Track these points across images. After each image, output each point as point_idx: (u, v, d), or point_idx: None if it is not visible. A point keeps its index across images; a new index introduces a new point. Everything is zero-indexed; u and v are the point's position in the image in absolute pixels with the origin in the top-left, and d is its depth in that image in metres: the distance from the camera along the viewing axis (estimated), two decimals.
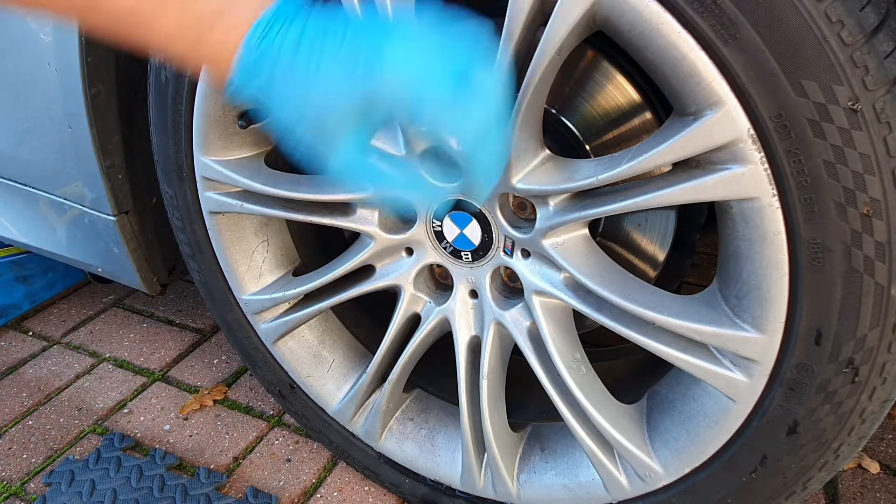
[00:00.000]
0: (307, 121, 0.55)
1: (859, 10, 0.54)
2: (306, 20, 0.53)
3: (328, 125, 0.55)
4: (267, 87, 0.53)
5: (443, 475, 1.05)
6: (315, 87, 0.53)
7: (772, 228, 0.63)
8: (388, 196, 0.67)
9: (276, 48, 0.52)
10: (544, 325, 0.84)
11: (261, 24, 0.52)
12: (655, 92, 0.83)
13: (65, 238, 1.23)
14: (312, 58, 0.52)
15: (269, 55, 0.52)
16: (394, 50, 0.53)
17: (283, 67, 0.52)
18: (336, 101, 0.54)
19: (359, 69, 0.52)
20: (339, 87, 0.53)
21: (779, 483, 0.78)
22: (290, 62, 0.52)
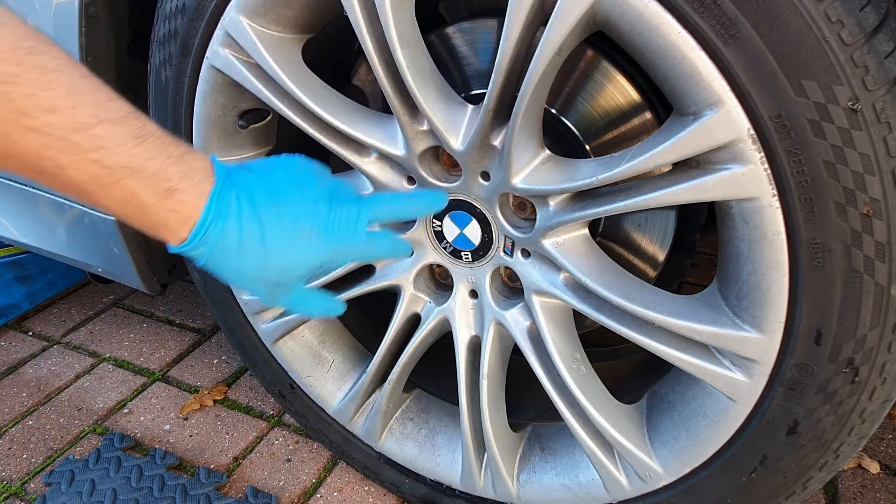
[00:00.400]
0: (252, 279, 0.64)
1: (859, 10, 0.54)
2: (248, 200, 0.61)
3: (272, 283, 0.65)
4: (216, 253, 0.60)
5: (443, 475, 1.05)
6: (263, 256, 0.62)
7: (772, 228, 0.63)
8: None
9: (223, 226, 0.59)
10: (544, 325, 0.84)
11: (211, 204, 0.59)
12: (655, 92, 0.83)
13: (65, 238, 1.23)
14: (257, 236, 0.61)
15: (220, 230, 0.59)
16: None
17: (232, 240, 0.60)
18: (280, 266, 0.63)
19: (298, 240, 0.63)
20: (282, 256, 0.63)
21: (779, 483, 0.78)
22: (237, 238, 0.60)
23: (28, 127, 0.49)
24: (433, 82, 0.76)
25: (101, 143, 0.53)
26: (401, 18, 0.71)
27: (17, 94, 0.48)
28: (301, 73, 0.83)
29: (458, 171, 0.81)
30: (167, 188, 0.57)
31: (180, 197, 0.58)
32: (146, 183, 0.55)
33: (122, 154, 0.54)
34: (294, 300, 0.69)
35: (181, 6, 0.84)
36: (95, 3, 0.91)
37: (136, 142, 0.55)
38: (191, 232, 0.59)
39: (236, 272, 0.63)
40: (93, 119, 0.52)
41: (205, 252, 0.60)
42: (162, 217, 0.58)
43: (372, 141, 0.82)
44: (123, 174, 0.54)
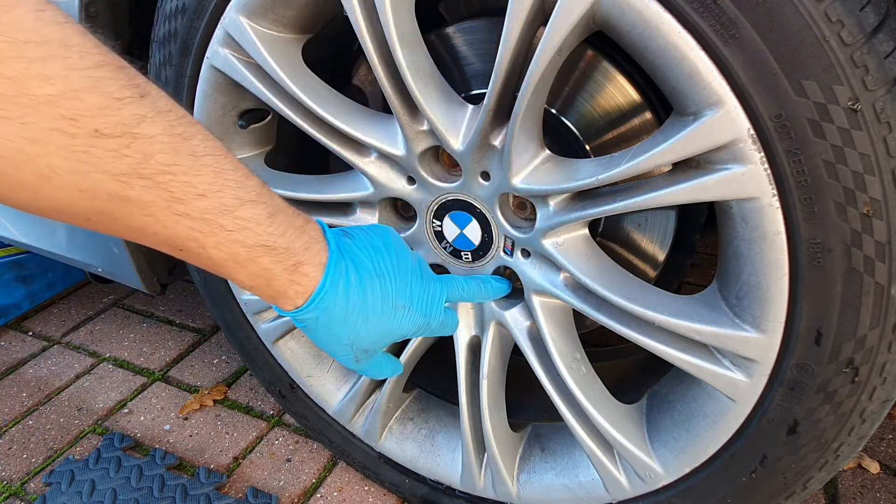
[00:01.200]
0: (346, 345, 0.67)
1: (859, 10, 0.54)
2: (356, 271, 0.64)
3: (361, 349, 0.69)
4: (321, 318, 0.64)
5: (443, 475, 1.05)
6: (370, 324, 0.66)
7: (772, 228, 0.63)
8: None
9: (334, 295, 0.63)
10: (544, 325, 0.84)
11: (327, 275, 0.62)
12: (655, 92, 0.83)
13: (65, 238, 1.23)
14: (366, 304, 0.65)
15: (331, 298, 0.63)
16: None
17: (339, 308, 0.63)
18: (381, 333, 0.68)
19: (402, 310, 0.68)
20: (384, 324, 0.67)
21: (779, 483, 0.78)
22: (345, 306, 0.64)
23: (179, 212, 0.51)
24: (433, 82, 0.76)
25: (243, 225, 0.55)
26: (401, 18, 0.71)
27: (174, 183, 0.49)
28: (301, 73, 0.83)
29: (458, 170, 0.81)
30: (295, 262, 0.59)
31: (304, 269, 0.60)
32: (278, 259, 0.58)
33: (260, 233, 0.56)
34: (371, 366, 0.73)
35: (181, 6, 0.84)
36: (95, 3, 0.91)
37: (270, 220, 0.57)
38: (307, 300, 0.61)
39: (335, 337, 0.66)
40: (237, 201, 0.54)
41: (313, 318, 0.63)
42: (285, 287, 0.60)
43: (372, 141, 0.82)
44: (259, 252, 0.57)
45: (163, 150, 0.48)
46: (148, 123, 0.47)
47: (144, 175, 0.47)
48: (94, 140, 0.44)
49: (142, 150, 0.47)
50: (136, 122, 0.46)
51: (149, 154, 0.47)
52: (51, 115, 0.42)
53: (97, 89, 0.44)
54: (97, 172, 0.45)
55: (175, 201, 0.50)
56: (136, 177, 0.47)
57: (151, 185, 0.48)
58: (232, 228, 0.54)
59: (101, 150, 0.45)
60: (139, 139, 0.46)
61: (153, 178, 0.48)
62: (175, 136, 0.49)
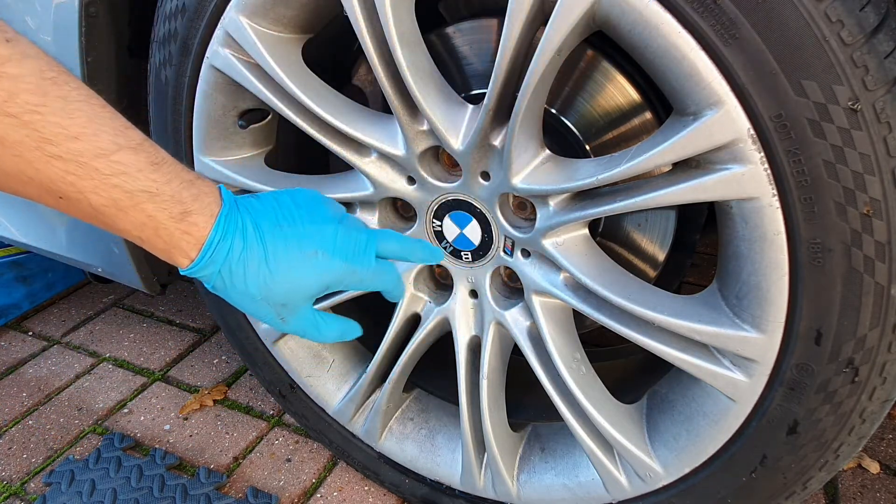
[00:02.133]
0: (258, 301, 0.65)
1: (859, 10, 0.54)
2: (252, 222, 0.63)
3: (278, 304, 0.66)
4: (223, 274, 0.62)
5: (443, 475, 1.05)
6: (267, 275, 0.63)
7: (772, 228, 0.63)
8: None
9: (229, 246, 0.61)
10: (544, 325, 0.84)
11: (219, 223, 0.61)
12: (655, 92, 0.83)
13: (65, 238, 1.23)
14: (261, 252, 0.63)
15: (226, 249, 0.61)
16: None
17: (237, 260, 0.62)
18: (287, 286, 0.65)
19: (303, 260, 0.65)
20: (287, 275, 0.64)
21: (779, 483, 0.78)
22: (241, 257, 0.62)
23: (51, 154, 0.51)
24: (433, 82, 0.76)
25: (121, 169, 0.55)
26: (401, 18, 0.71)
27: (43, 123, 0.50)
28: (301, 73, 0.83)
29: (458, 170, 0.81)
30: (182, 211, 0.59)
31: (193, 219, 0.60)
32: (163, 206, 0.58)
33: (141, 179, 0.56)
34: (303, 323, 0.69)
35: (181, 6, 0.84)
36: (95, 3, 0.91)
37: (153, 167, 0.57)
38: (199, 252, 0.60)
39: (243, 294, 0.64)
40: (113, 146, 0.54)
41: (212, 273, 0.62)
42: (175, 238, 0.60)
43: (372, 141, 0.82)
44: (142, 198, 0.56)
45: (29, 89, 0.49)
46: (13, 64, 0.48)
47: (10, 113, 0.49)
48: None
49: (6, 88, 0.48)
50: (0, 62, 0.48)
51: (13, 92, 0.48)
52: None
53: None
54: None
55: (45, 142, 0.51)
56: (2, 114, 0.49)
57: (17, 123, 0.49)
58: (109, 172, 0.54)
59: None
60: (3, 78, 0.48)
61: (19, 117, 0.49)
62: (44, 80, 0.50)
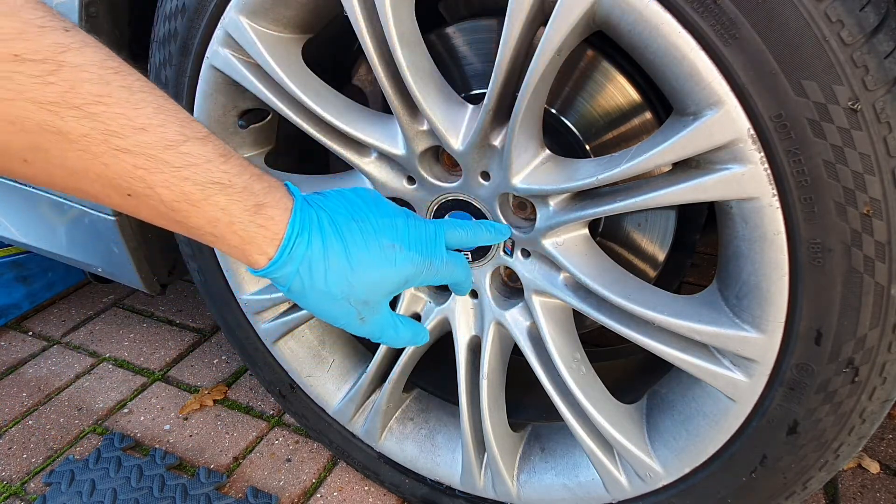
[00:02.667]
0: (340, 299, 0.63)
1: (859, 10, 0.54)
2: (327, 217, 0.61)
3: (360, 302, 0.64)
4: (302, 272, 0.59)
5: (443, 475, 1.05)
6: (345, 275, 0.61)
7: (772, 228, 0.63)
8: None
9: (308, 240, 0.59)
10: (544, 325, 0.84)
11: (295, 216, 0.58)
12: (655, 92, 0.83)
13: (65, 238, 1.23)
14: (337, 254, 0.61)
15: (305, 244, 0.59)
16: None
17: (318, 255, 0.60)
18: (364, 285, 0.63)
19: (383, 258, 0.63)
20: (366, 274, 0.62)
21: (779, 483, 0.78)
22: (322, 252, 0.60)
23: (119, 147, 0.49)
24: (433, 82, 0.76)
25: (191, 161, 0.53)
26: (401, 18, 0.71)
27: (108, 115, 0.48)
28: (301, 73, 0.83)
29: (459, 170, 0.81)
30: (256, 203, 0.57)
31: (268, 212, 0.58)
32: (236, 198, 0.55)
33: (211, 170, 0.54)
34: (382, 323, 0.68)
35: (181, 6, 0.84)
36: (95, 3, 0.91)
37: (222, 158, 0.55)
38: (278, 248, 0.58)
39: (326, 294, 0.62)
40: (181, 137, 0.52)
41: (291, 271, 0.60)
42: (251, 233, 0.57)
43: (372, 141, 0.82)
44: (213, 190, 0.54)
45: (92, 80, 0.47)
46: (73, 53, 0.46)
47: (74, 105, 0.46)
48: (15, 65, 0.43)
49: (68, 78, 0.46)
50: (61, 51, 0.45)
51: (76, 83, 0.46)
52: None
53: (14, 15, 0.44)
54: (22, 100, 0.45)
55: (112, 134, 0.48)
56: (66, 106, 0.46)
57: (82, 115, 0.47)
58: (179, 164, 0.52)
59: (23, 77, 0.44)
60: (65, 67, 0.46)
61: (83, 109, 0.47)
62: (106, 69, 0.48)
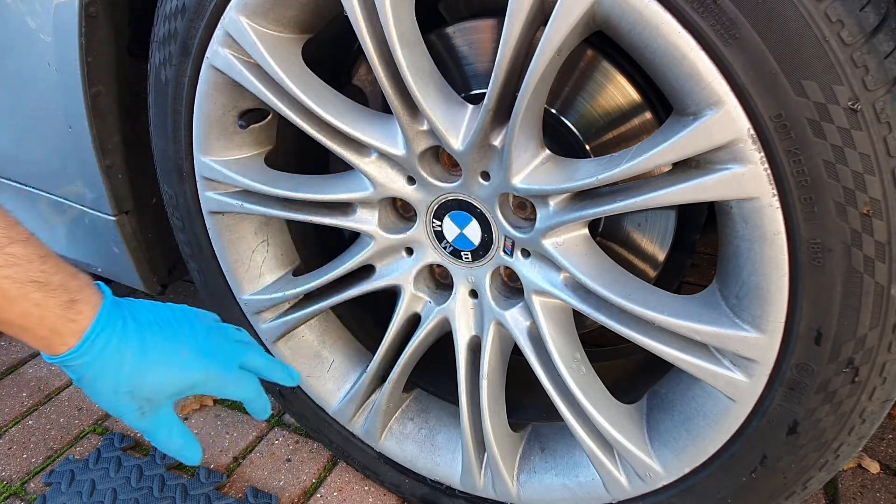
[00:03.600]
0: (124, 394, 0.68)
1: (859, 10, 0.54)
2: (132, 316, 0.68)
3: (143, 398, 0.69)
4: (95, 364, 0.65)
5: (443, 475, 1.05)
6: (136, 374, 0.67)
7: (772, 228, 0.63)
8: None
9: (108, 337, 0.65)
10: (544, 325, 0.84)
11: (102, 312, 0.64)
12: (655, 92, 0.83)
13: (65, 238, 1.23)
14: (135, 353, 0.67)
15: (105, 339, 0.65)
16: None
17: (114, 351, 0.65)
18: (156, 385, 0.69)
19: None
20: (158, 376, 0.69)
21: (779, 483, 0.78)
22: (118, 348, 0.66)
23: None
24: (433, 82, 0.76)
25: (13, 261, 0.58)
26: (401, 18, 0.71)
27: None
28: (301, 73, 0.83)
29: (458, 170, 0.81)
30: (69, 299, 0.62)
31: (79, 307, 0.63)
32: (51, 294, 0.61)
33: (31, 269, 0.59)
34: (158, 423, 0.74)
35: (181, 6, 0.84)
36: (95, 3, 0.91)
37: (42, 259, 0.60)
38: (80, 340, 0.63)
39: (112, 387, 0.67)
40: (6, 240, 0.58)
41: (85, 362, 0.64)
42: (58, 326, 0.62)
43: (372, 141, 0.82)
44: (31, 288, 0.59)
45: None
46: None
47: None
48: None
49: None
50: None
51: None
52: None
53: None
54: None
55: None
56: None
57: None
58: (1, 264, 0.57)
59: None
60: None
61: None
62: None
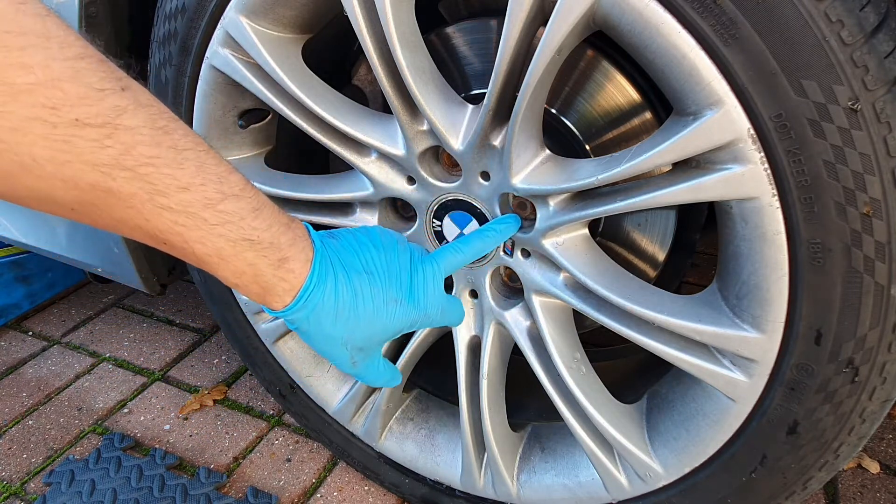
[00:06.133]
0: (340, 344, 0.66)
1: (859, 10, 0.54)
2: (342, 269, 0.64)
3: (357, 348, 0.67)
4: (312, 318, 0.63)
5: (443, 475, 1.05)
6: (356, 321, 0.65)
7: (772, 228, 0.63)
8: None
9: (322, 292, 0.62)
10: (544, 325, 0.84)
11: (314, 271, 0.61)
12: (655, 92, 0.83)
13: (65, 238, 1.23)
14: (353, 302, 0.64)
15: (319, 295, 0.62)
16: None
17: (329, 305, 0.63)
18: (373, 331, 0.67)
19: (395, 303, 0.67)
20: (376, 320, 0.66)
21: (779, 483, 0.78)
22: (333, 303, 0.63)
23: (162, 205, 0.51)
24: (433, 82, 0.76)
25: (227, 219, 0.54)
26: (401, 18, 0.71)
27: (156, 175, 0.49)
28: (301, 73, 0.83)
29: (458, 170, 0.81)
30: (280, 258, 0.59)
31: (290, 265, 0.60)
32: (263, 253, 0.58)
33: (244, 227, 0.56)
34: (369, 367, 0.72)
35: (181, 6, 0.84)
36: (95, 3, 0.91)
37: (254, 214, 0.57)
38: (294, 298, 0.61)
39: (327, 337, 0.65)
40: (219, 195, 0.54)
41: (303, 316, 0.62)
42: (272, 284, 0.60)
43: (372, 141, 0.82)
44: (243, 246, 0.56)
45: (144, 141, 0.48)
46: (129, 115, 0.47)
47: (126, 166, 0.47)
48: (75, 129, 0.44)
49: (123, 141, 0.47)
50: (117, 114, 0.46)
51: (130, 145, 0.47)
52: (30, 104, 0.42)
53: (77, 79, 0.44)
54: (78, 162, 0.45)
55: (157, 194, 0.50)
56: (118, 168, 0.47)
57: (133, 176, 0.48)
58: (215, 222, 0.54)
59: (82, 140, 0.45)
60: (120, 130, 0.46)
61: (135, 170, 0.48)
62: (156, 130, 0.49)
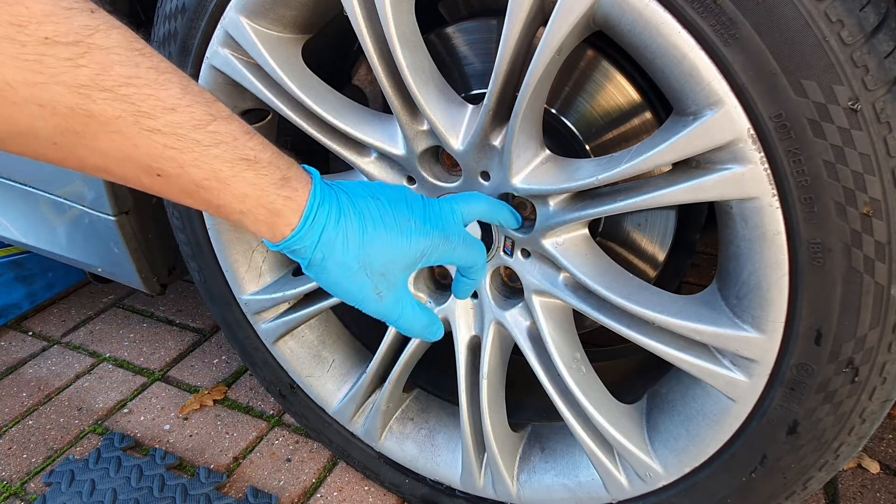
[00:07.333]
0: (357, 271, 0.64)
1: (859, 10, 0.54)
2: (345, 192, 0.63)
3: (378, 274, 0.65)
4: (321, 245, 0.61)
5: (443, 475, 1.05)
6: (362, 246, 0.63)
7: (772, 228, 0.63)
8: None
9: (328, 210, 0.61)
10: (544, 325, 0.84)
11: (316, 186, 0.60)
12: (655, 92, 0.83)
13: (65, 238, 1.23)
14: (357, 225, 0.63)
15: (325, 214, 0.61)
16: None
17: (336, 225, 0.61)
18: (380, 258, 0.64)
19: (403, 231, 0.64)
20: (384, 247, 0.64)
21: (779, 483, 0.78)
22: (340, 224, 0.62)
23: (149, 128, 0.49)
24: (433, 82, 0.76)
25: (220, 139, 0.53)
26: (401, 18, 0.71)
27: (139, 96, 0.48)
28: (301, 73, 0.83)
29: (458, 170, 0.81)
30: (282, 176, 0.58)
31: (293, 184, 0.59)
32: (263, 173, 0.57)
33: (239, 147, 0.55)
34: (400, 302, 0.68)
35: (181, 6, 0.84)
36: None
37: (248, 136, 0.56)
38: (301, 217, 0.59)
39: (343, 266, 0.63)
40: (208, 116, 0.53)
41: (311, 243, 0.61)
42: (278, 206, 0.59)
43: (372, 141, 0.82)
44: (242, 167, 0.55)
45: (121, 62, 0.47)
46: (101, 35, 0.46)
47: (105, 87, 0.46)
48: (45, 48, 0.44)
49: (98, 60, 0.46)
50: (89, 33, 0.45)
51: (106, 65, 0.46)
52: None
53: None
54: (53, 83, 0.45)
55: (143, 115, 0.49)
56: (97, 89, 0.46)
57: (114, 97, 0.47)
58: (208, 143, 0.53)
59: (54, 60, 0.44)
60: (94, 49, 0.46)
61: (115, 91, 0.47)
62: (133, 51, 0.48)
